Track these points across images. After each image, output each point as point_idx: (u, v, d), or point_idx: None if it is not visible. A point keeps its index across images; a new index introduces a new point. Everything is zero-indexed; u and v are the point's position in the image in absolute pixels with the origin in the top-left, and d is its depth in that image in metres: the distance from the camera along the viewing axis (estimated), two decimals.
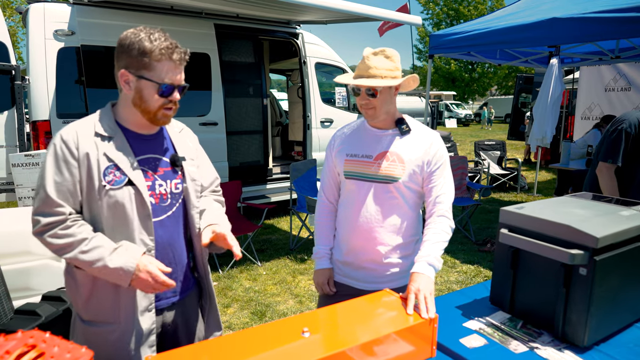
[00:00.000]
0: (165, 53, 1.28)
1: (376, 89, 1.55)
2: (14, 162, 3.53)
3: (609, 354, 1.33)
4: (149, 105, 1.32)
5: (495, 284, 1.62)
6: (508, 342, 1.39)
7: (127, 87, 1.32)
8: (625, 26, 3.57)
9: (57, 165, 1.27)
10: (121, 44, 1.31)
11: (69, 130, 1.30)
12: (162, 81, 1.30)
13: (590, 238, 1.29)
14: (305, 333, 1.17)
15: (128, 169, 1.31)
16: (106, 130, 1.32)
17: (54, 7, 4.26)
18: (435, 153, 1.62)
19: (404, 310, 1.33)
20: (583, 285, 1.32)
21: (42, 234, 1.26)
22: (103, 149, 1.30)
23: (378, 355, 1.20)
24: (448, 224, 1.59)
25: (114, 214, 1.30)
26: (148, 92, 1.31)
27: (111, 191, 1.29)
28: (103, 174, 1.29)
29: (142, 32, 1.30)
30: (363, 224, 1.63)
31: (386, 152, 1.62)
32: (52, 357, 0.97)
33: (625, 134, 2.68)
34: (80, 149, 1.28)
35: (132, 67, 1.30)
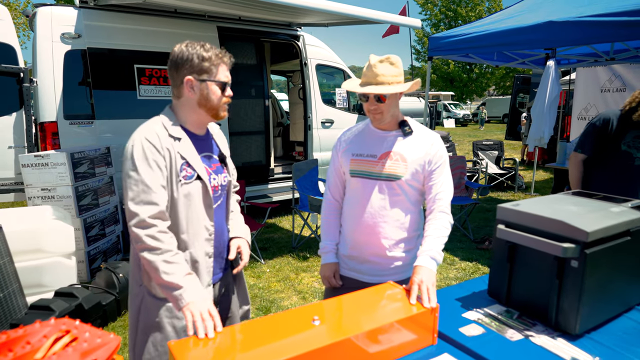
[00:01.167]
0: (220, 57, 1.53)
1: (384, 96, 1.64)
2: (24, 163, 3.61)
3: (599, 342, 1.42)
4: (213, 103, 1.55)
5: (492, 278, 1.71)
6: (504, 331, 1.48)
7: (192, 91, 1.52)
8: (620, 30, 3.67)
9: (148, 164, 1.43)
10: (179, 56, 1.51)
11: (149, 133, 1.47)
12: (220, 80, 1.54)
13: (582, 232, 1.38)
14: (316, 321, 1.26)
15: (196, 165, 1.53)
16: (175, 132, 1.52)
17: (61, 10, 4.34)
18: (435, 153, 1.71)
19: (407, 301, 1.42)
20: (575, 277, 1.41)
21: (143, 228, 1.39)
22: (177, 148, 1.50)
23: (383, 342, 1.29)
24: (447, 220, 1.68)
25: (186, 203, 1.51)
26: (212, 91, 1.53)
27: (185, 185, 1.51)
28: (179, 170, 1.49)
29: (196, 45, 1.52)
30: (368, 219, 1.72)
31: (390, 152, 1.71)
32: (85, 341, 1.06)
33: (593, 127, 2.85)
34: (164, 148, 1.47)
35: (195, 74, 1.51)
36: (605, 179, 2.84)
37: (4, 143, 4.27)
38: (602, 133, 2.84)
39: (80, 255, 3.63)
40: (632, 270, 1.58)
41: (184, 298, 1.35)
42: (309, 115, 6.11)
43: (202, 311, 1.29)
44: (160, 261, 1.38)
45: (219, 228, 1.66)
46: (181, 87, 1.53)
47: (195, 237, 1.55)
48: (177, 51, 1.53)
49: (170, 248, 1.42)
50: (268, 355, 1.08)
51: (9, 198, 4.32)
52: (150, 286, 1.54)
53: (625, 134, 2.79)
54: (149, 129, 1.49)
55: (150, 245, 1.38)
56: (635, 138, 2.79)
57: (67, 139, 4.32)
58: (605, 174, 2.86)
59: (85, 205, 3.81)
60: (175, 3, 4.53)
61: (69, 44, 4.32)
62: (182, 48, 1.52)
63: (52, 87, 4.25)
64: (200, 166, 1.55)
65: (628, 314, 1.61)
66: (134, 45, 4.65)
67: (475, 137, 17.95)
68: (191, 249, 1.55)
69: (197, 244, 1.56)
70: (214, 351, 1.13)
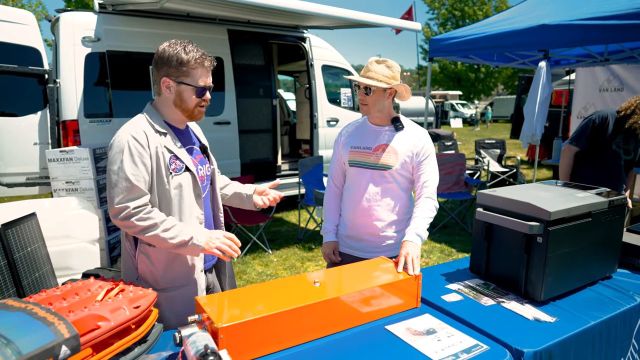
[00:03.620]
0: (199, 62, 1.57)
1: (371, 88, 1.89)
2: (50, 158, 3.89)
3: (561, 307, 1.65)
4: (188, 105, 1.61)
5: (473, 255, 1.94)
6: (480, 298, 1.72)
7: (168, 91, 1.59)
8: (610, 33, 3.86)
9: (132, 160, 1.50)
10: (161, 56, 1.56)
11: (136, 130, 1.54)
12: (197, 85, 1.59)
13: (545, 212, 1.61)
14: (317, 283, 1.51)
15: (184, 158, 1.62)
16: (162, 127, 1.61)
17: (82, 15, 4.62)
18: (423, 146, 1.96)
19: (395, 271, 1.66)
20: (540, 251, 1.64)
21: (130, 217, 1.48)
22: (163, 143, 1.58)
23: (374, 304, 1.53)
24: (433, 204, 1.94)
25: (177, 195, 1.61)
26: (187, 94, 1.59)
27: (175, 177, 1.59)
28: (169, 163, 1.58)
29: (177, 45, 1.56)
30: (364, 203, 1.97)
31: (383, 145, 1.96)
32: (131, 292, 1.31)
33: (592, 123, 3.02)
34: (150, 144, 1.54)
35: (172, 75, 1.56)
36: (592, 173, 3.03)
37: (30, 140, 4.57)
38: (598, 130, 3.00)
39: (101, 243, 3.90)
40: (595, 248, 1.81)
41: (198, 242, 1.51)
42: (315, 114, 6.36)
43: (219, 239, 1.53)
44: (160, 232, 1.49)
45: (208, 216, 1.76)
46: (159, 85, 1.59)
47: None
48: (160, 49, 1.56)
49: (162, 218, 1.51)
50: (277, 306, 1.33)
51: (34, 191, 4.62)
52: (153, 281, 1.64)
53: (617, 135, 2.98)
54: (134, 127, 1.54)
55: (144, 226, 1.48)
56: (624, 140, 2.99)
57: (87, 135, 4.60)
58: (593, 168, 3.06)
59: (106, 197, 4.09)
60: (189, 8, 4.80)
61: (89, 47, 4.60)
62: (164, 47, 1.56)
63: (74, 87, 4.53)
64: (187, 158, 1.63)
65: (592, 287, 1.84)
66: (149, 48, 4.91)
67: (481, 137, 18.06)
68: None
69: None
70: (232, 301, 1.38)
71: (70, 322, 1.09)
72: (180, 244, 1.52)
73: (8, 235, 2.52)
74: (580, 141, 3.06)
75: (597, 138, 3.01)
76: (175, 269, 1.65)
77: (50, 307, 1.18)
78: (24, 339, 1.01)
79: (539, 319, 1.55)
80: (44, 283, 2.82)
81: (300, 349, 1.34)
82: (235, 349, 1.24)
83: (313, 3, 4.51)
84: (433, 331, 1.45)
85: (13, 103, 4.61)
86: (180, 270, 1.66)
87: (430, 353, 1.31)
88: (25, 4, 20.38)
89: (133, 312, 1.25)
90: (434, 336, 1.42)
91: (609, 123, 2.97)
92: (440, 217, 6.06)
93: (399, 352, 1.32)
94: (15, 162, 4.56)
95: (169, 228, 1.51)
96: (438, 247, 4.89)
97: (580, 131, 3.07)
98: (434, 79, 32.82)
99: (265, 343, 1.30)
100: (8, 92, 4.51)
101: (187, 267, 1.68)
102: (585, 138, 3.04)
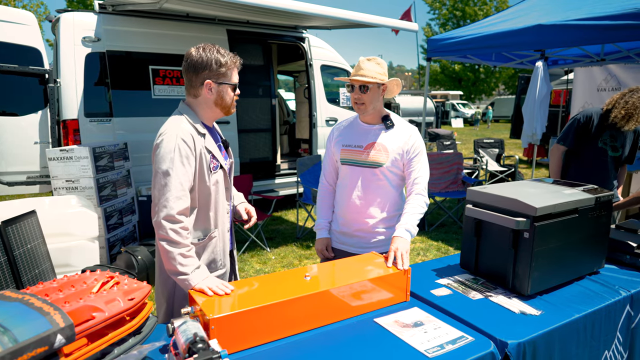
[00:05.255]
0: (234, 61, 1.73)
1: (367, 86, 1.92)
2: (50, 156, 3.94)
3: (547, 301, 1.68)
4: (227, 102, 1.76)
5: (463, 251, 1.98)
6: (468, 292, 1.75)
7: (210, 92, 1.71)
8: (605, 33, 3.89)
9: (182, 162, 1.59)
10: (198, 61, 1.66)
11: (183, 132, 1.62)
12: (234, 83, 1.75)
13: (531, 208, 1.65)
14: (307, 277, 1.55)
15: (219, 157, 1.76)
16: (202, 128, 1.71)
17: (82, 16, 4.67)
18: (413, 144, 1.99)
19: (384, 265, 1.69)
20: (526, 246, 1.68)
21: (170, 222, 1.54)
22: (204, 143, 1.70)
23: (363, 298, 1.57)
24: (423, 200, 1.97)
25: (215, 190, 1.75)
26: (226, 92, 1.74)
27: (214, 174, 1.74)
28: (209, 163, 1.70)
29: (213, 50, 1.69)
30: (356, 200, 2.00)
31: (374, 143, 1.99)
32: (126, 284, 1.35)
33: (577, 122, 3.09)
34: (196, 146, 1.65)
35: (214, 77, 1.70)
36: (580, 170, 3.09)
37: (30, 139, 4.61)
38: (583, 128, 3.07)
39: (101, 241, 3.95)
40: (582, 243, 1.84)
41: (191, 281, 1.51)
42: (314, 113, 6.40)
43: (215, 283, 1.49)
44: (177, 254, 1.54)
45: (232, 206, 1.94)
46: (200, 88, 1.69)
47: (220, 216, 1.80)
48: (195, 55, 1.67)
49: (188, 243, 1.58)
50: (267, 298, 1.37)
51: (34, 190, 4.67)
52: None
53: (602, 132, 3.02)
54: (181, 129, 1.63)
55: (172, 239, 1.54)
56: (611, 137, 3.03)
57: (87, 135, 4.65)
58: (581, 166, 3.11)
59: (105, 195, 4.13)
60: (188, 9, 4.84)
61: (89, 47, 4.65)
62: (200, 53, 1.67)
63: (74, 87, 4.58)
64: (220, 157, 1.78)
65: (579, 282, 1.87)
66: (149, 48, 4.96)
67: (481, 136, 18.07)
68: (219, 224, 1.80)
69: (220, 221, 1.80)
70: (225, 294, 1.42)
71: (66, 312, 1.13)
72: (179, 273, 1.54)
73: (8, 232, 2.56)
74: (567, 140, 3.13)
75: (582, 136, 3.08)
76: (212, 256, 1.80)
77: (47, 298, 1.22)
78: (20, 327, 1.05)
79: (525, 312, 1.58)
80: (43, 279, 2.86)
81: (290, 340, 1.38)
82: (227, 340, 1.28)
83: (311, 4, 4.55)
84: (420, 323, 1.48)
85: (14, 102, 4.65)
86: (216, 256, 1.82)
87: (416, 344, 1.35)
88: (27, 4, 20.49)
89: (127, 303, 1.29)
90: (421, 328, 1.45)
91: (593, 121, 3.04)
92: (438, 215, 6.10)
93: (386, 344, 1.36)
94: (16, 161, 4.61)
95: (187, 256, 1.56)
96: (435, 245, 4.92)
97: (566, 130, 3.15)
98: (435, 79, 32.83)
99: (255, 334, 1.34)
100: (9, 92, 4.56)
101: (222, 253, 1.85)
102: (571, 137, 3.11)
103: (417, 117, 17.33)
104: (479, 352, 1.32)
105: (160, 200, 1.56)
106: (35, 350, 1.03)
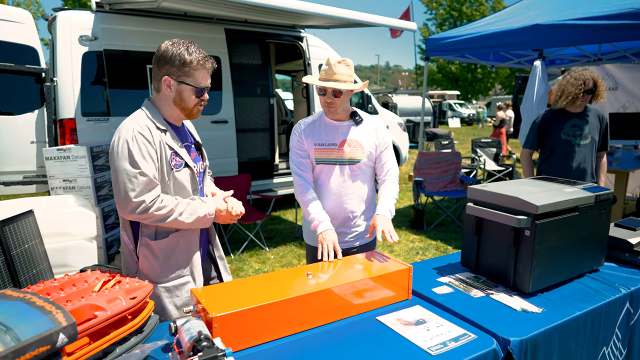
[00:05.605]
0: (201, 63, 1.60)
1: (341, 91, 1.93)
2: (47, 156, 3.91)
3: (548, 298, 1.69)
4: (187, 104, 1.64)
5: (464, 249, 1.98)
6: (470, 290, 1.75)
7: (169, 89, 1.61)
8: (602, 32, 3.91)
9: (142, 154, 1.52)
10: (163, 54, 1.58)
11: (140, 126, 1.54)
12: (198, 85, 1.62)
13: (532, 206, 1.65)
14: (309, 275, 1.55)
15: (183, 154, 1.66)
16: (162, 124, 1.62)
17: (79, 14, 4.64)
18: (383, 136, 2.09)
19: (386, 264, 1.69)
20: (527, 244, 1.68)
21: (148, 210, 1.52)
22: (164, 139, 1.60)
23: (365, 297, 1.57)
24: (395, 190, 2.08)
25: (177, 190, 1.64)
26: (187, 94, 1.62)
27: (176, 172, 1.63)
28: (170, 159, 1.60)
29: (181, 45, 1.57)
30: (336, 197, 2.05)
31: (346, 140, 2.04)
32: (127, 283, 1.35)
33: (534, 125, 3.31)
34: (155, 139, 1.56)
35: (174, 74, 1.58)
36: (553, 165, 3.24)
37: (27, 138, 4.59)
38: (542, 127, 3.27)
39: (99, 241, 3.92)
40: (582, 241, 1.84)
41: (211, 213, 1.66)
42: (312, 112, 6.40)
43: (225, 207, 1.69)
44: (177, 218, 1.57)
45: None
46: (160, 83, 1.60)
47: None
48: (162, 47, 1.58)
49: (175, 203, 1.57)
50: (270, 296, 1.37)
51: (31, 189, 4.64)
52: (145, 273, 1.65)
53: (563, 124, 3.17)
54: (138, 123, 1.55)
55: (162, 215, 1.54)
56: (573, 127, 3.16)
57: (84, 134, 4.62)
58: (553, 161, 3.25)
59: (103, 195, 4.11)
60: (186, 7, 4.82)
61: (87, 45, 4.62)
62: (167, 46, 1.57)
63: (71, 86, 4.55)
64: (185, 154, 1.67)
65: (579, 280, 1.88)
66: (146, 47, 4.94)
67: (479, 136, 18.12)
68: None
69: None
70: (227, 292, 1.41)
71: (68, 311, 1.13)
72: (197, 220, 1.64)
73: (5, 232, 2.54)
74: (529, 142, 3.36)
75: (544, 134, 3.26)
76: (175, 260, 1.68)
77: (48, 297, 1.21)
78: (22, 326, 1.04)
79: (526, 309, 1.59)
80: (41, 280, 2.85)
81: (293, 339, 1.38)
82: (229, 338, 1.27)
83: (309, 3, 4.54)
84: (423, 321, 1.48)
85: (10, 102, 4.63)
86: (180, 261, 1.69)
87: (419, 342, 1.35)
88: (21, 2, 20.36)
89: (129, 302, 1.28)
90: (424, 326, 1.45)
91: (546, 118, 3.24)
92: (436, 215, 6.11)
93: (388, 341, 1.36)
94: (12, 160, 4.58)
95: (182, 211, 1.61)
96: (434, 245, 4.93)
97: (528, 135, 3.37)
98: (433, 79, 32.89)
99: (258, 332, 1.34)
100: (5, 91, 4.54)
101: (187, 258, 1.70)
102: (532, 138, 3.33)
103: (414, 116, 17.37)
104: (482, 350, 1.32)
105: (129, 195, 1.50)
106: (37, 349, 1.02)
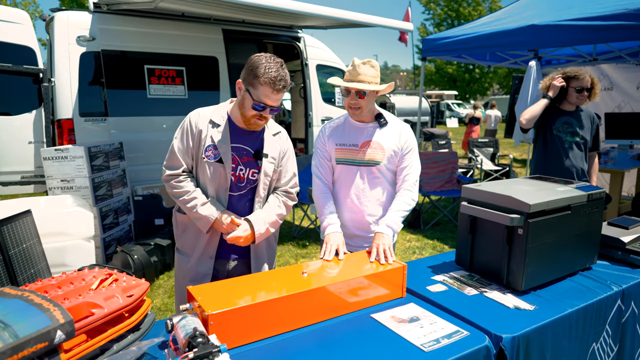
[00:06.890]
0: (270, 81, 1.68)
1: (365, 92, 1.93)
2: (45, 156, 3.92)
3: (541, 296, 1.71)
4: (245, 112, 1.77)
5: (459, 248, 2.00)
6: (463, 288, 1.77)
7: (239, 92, 1.78)
8: (597, 33, 3.94)
9: (181, 135, 1.81)
10: (249, 60, 1.74)
11: (198, 113, 1.82)
12: (258, 100, 1.72)
13: (525, 205, 1.67)
14: (305, 274, 1.57)
15: (222, 150, 1.79)
16: (217, 119, 1.82)
17: (77, 15, 4.65)
18: (406, 140, 2.04)
19: (381, 262, 1.71)
20: (520, 242, 1.70)
21: (167, 181, 1.83)
22: (211, 132, 1.80)
23: (360, 295, 1.59)
24: (411, 197, 2.02)
25: (202, 178, 1.84)
26: (247, 102, 1.75)
27: (206, 163, 1.81)
28: (205, 150, 1.79)
29: (264, 59, 1.71)
30: (354, 200, 2.02)
31: (369, 141, 2.01)
32: (124, 281, 1.36)
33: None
34: (197, 127, 1.80)
35: (245, 81, 1.74)
36: (545, 159, 3.28)
37: (25, 139, 4.59)
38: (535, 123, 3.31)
39: (96, 241, 3.94)
40: (575, 239, 1.87)
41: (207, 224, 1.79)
42: (310, 113, 6.41)
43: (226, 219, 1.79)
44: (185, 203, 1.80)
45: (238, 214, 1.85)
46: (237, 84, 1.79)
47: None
48: (254, 56, 1.74)
49: (187, 189, 1.80)
50: (266, 294, 1.38)
51: (29, 189, 4.65)
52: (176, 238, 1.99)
53: (555, 120, 3.21)
54: (198, 111, 1.82)
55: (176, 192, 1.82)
56: (565, 123, 3.21)
57: (82, 134, 4.63)
58: (545, 155, 3.29)
59: (101, 195, 4.12)
60: (183, 8, 4.84)
61: (84, 46, 4.63)
62: (257, 56, 1.73)
63: (69, 86, 4.56)
64: (227, 152, 1.78)
65: (572, 278, 1.90)
66: (144, 47, 4.95)
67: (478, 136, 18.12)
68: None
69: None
70: (223, 290, 1.43)
71: (65, 308, 1.14)
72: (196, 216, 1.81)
73: (3, 232, 2.55)
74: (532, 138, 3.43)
75: (538, 129, 3.30)
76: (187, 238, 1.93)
77: (46, 294, 1.23)
78: (20, 323, 1.05)
79: (519, 307, 1.61)
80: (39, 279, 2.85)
81: (288, 336, 1.40)
82: (225, 335, 1.29)
83: (307, 3, 4.56)
84: (416, 319, 1.50)
85: (8, 102, 4.63)
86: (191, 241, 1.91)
87: (412, 339, 1.37)
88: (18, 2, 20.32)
89: (126, 300, 1.30)
90: (417, 323, 1.47)
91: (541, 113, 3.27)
92: (433, 214, 6.13)
93: (382, 338, 1.38)
94: (10, 160, 4.59)
95: (190, 200, 1.80)
96: (430, 244, 4.95)
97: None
98: (430, 79, 32.94)
99: (254, 330, 1.35)
100: (3, 91, 4.54)
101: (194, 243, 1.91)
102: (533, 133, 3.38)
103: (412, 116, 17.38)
104: (474, 346, 1.34)
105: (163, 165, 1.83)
106: (35, 346, 1.04)
